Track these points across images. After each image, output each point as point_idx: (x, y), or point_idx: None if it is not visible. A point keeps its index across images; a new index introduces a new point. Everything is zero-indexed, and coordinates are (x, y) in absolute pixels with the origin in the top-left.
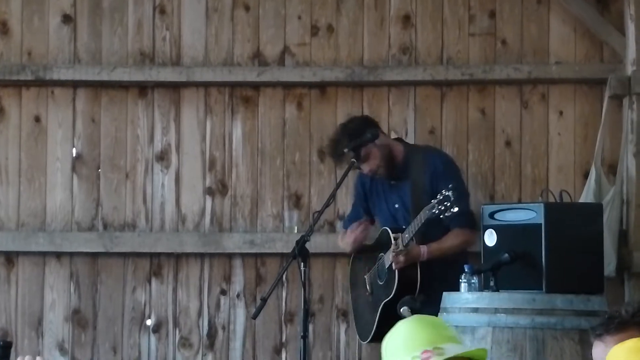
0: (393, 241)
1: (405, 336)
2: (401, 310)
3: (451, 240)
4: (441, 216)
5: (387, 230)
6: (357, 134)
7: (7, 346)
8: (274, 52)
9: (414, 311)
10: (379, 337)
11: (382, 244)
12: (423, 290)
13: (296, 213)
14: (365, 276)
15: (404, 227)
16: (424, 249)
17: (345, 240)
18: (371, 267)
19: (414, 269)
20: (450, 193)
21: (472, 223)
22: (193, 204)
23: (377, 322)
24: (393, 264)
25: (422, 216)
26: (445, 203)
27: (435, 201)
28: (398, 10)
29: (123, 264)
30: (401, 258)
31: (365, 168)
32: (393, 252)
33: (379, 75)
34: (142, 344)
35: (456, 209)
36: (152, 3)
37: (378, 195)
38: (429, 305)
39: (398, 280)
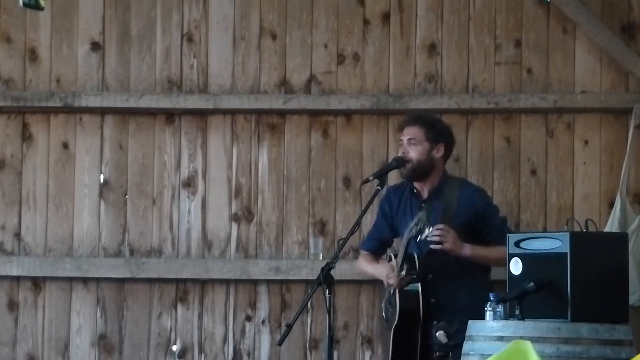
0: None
1: None
2: (437, 334)
3: (496, 252)
4: (419, 236)
5: (390, 256)
6: (435, 127)
7: None
8: (300, 80)
9: (449, 335)
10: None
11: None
12: (429, 306)
13: (321, 240)
14: (382, 303)
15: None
16: (467, 247)
17: (384, 274)
18: (389, 299)
19: (416, 300)
20: (421, 214)
21: None
22: (219, 231)
23: (392, 347)
24: (436, 239)
25: (404, 240)
26: (419, 224)
27: (412, 223)
28: (424, 38)
29: (149, 290)
30: (449, 237)
31: (405, 149)
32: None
33: (405, 104)
34: None
35: (431, 229)
36: (180, 31)
37: (405, 215)
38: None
39: (400, 308)
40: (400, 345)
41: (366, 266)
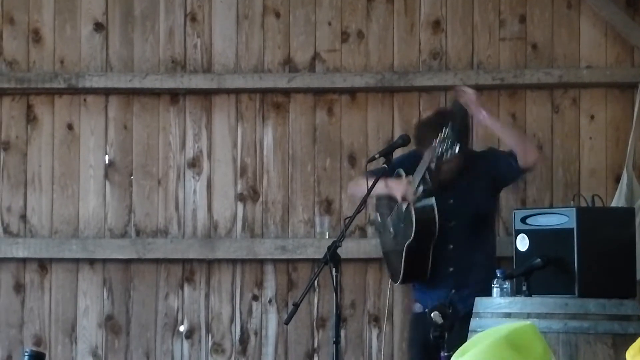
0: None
1: None
2: (432, 315)
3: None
4: (445, 155)
5: (400, 172)
6: (460, 134)
7: (40, 357)
8: (304, 58)
9: (444, 316)
10: (407, 279)
11: None
12: (447, 275)
13: (327, 219)
14: (388, 219)
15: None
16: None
17: (400, 189)
18: (392, 211)
19: (432, 213)
20: (450, 131)
21: None
22: (225, 210)
23: (404, 264)
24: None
25: (427, 157)
26: (447, 140)
27: (437, 140)
28: (428, 15)
29: (156, 270)
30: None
31: (443, 167)
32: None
33: (410, 81)
34: (175, 350)
35: (457, 147)
36: (183, 10)
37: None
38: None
39: (416, 222)
40: (413, 262)
41: (369, 185)
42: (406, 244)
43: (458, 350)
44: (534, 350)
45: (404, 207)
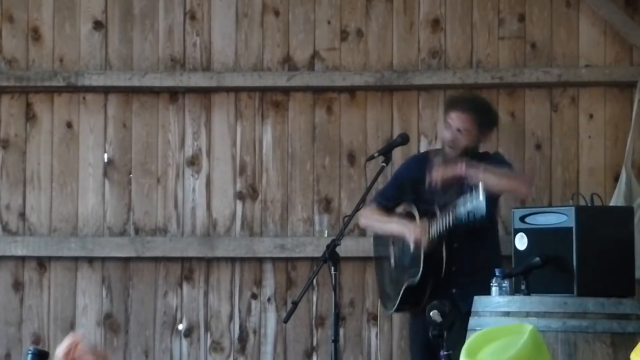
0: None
1: None
2: (431, 314)
3: (502, 175)
4: (469, 207)
5: (414, 212)
6: (486, 113)
7: (43, 356)
8: (303, 56)
9: (443, 315)
10: (400, 310)
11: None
12: (449, 274)
13: (326, 217)
14: (391, 248)
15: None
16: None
17: (409, 227)
18: (396, 240)
19: (440, 258)
20: (480, 199)
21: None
22: (224, 209)
23: (400, 299)
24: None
25: (448, 213)
26: (475, 210)
27: (463, 203)
28: (427, 14)
29: (154, 269)
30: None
31: (456, 137)
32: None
33: (409, 80)
34: (174, 349)
35: (481, 197)
36: (182, 9)
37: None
38: (463, 299)
39: (424, 265)
40: (409, 298)
41: (382, 219)
42: (408, 283)
43: (464, 351)
44: (546, 352)
45: (413, 246)
